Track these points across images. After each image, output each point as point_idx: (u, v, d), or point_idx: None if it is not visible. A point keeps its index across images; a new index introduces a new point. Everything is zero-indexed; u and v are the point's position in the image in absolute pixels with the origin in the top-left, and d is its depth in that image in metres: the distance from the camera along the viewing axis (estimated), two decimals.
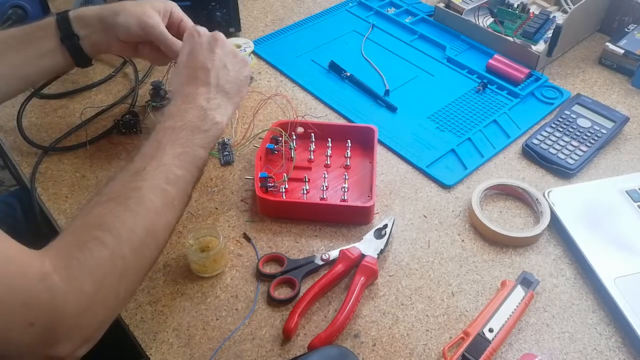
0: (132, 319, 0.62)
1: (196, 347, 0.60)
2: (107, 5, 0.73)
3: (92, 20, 0.72)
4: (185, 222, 0.72)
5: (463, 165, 0.79)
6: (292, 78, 0.96)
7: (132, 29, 0.71)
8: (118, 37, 0.73)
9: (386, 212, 0.74)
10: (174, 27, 0.76)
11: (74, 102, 0.91)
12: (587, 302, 0.64)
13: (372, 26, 1.08)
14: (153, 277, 0.66)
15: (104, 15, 0.72)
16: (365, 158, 0.79)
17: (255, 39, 1.04)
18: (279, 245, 0.70)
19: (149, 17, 0.72)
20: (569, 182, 0.77)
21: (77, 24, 0.72)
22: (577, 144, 0.80)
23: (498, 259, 0.68)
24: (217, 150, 0.81)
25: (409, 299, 0.64)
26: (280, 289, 0.66)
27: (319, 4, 1.16)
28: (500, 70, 0.94)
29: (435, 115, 0.88)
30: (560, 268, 0.67)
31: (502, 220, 0.73)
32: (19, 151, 0.83)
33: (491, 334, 0.58)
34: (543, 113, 0.88)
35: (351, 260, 0.66)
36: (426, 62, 0.99)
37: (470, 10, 1.04)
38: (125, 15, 0.71)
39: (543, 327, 0.61)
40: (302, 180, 0.75)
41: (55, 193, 0.76)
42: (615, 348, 0.59)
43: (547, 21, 0.97)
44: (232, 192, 0.76)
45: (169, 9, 0.75)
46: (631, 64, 0.94)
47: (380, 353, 0.59)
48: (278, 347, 0.60)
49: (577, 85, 0.94)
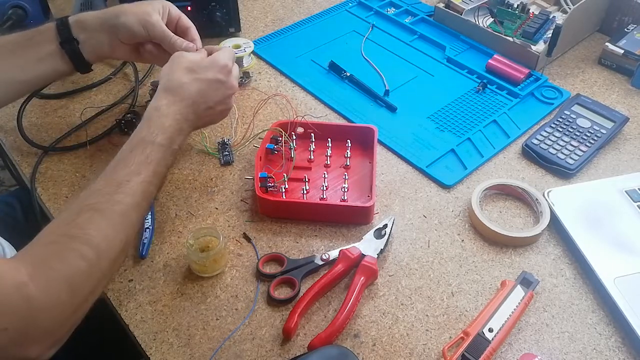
0: (132, 318, 0.62)
1: (196, 347, 0.60)
2: (107, 9, 0.74)
3: (92, 23, 0.73)
4: (185, 222, 0.72)
5: (463, 165, 0.80)
6: (292, 78, 0.96)
7: (134, 29, 0.72)
8: (120, 38, 0.73)
9: (386, 212, 0.74)
10: (173, 24, 0.76)
11: (74, 102, 0.91)
12: (586, 302, 0.64)
13: (372, 26, 1.08)
14: (153, 277, 0.66)
15: (104, 18, 0.73)
16: (365, 158, 0.79)
17: (255, 39, 1.04)
18: (279, 245, 0.70)
19: (150, 16, 0.72)
20: (568, 182, 0.77)
21: (76, 28, 0.72)
22: (577, 144, 0.80)
23: (498, 259, 0.68)
24: (217, 150, 0.81)
25: (409, 298, 0.64)
26: (280, 288, 0.66)
27: (319, 4, 1.16)
28: (500, 70, 0.94)
29: (435, 115, 0.88)
30: (559, 268, 0.67)
31: (502, 220, 0.73)
32: (19, 151, 0.83)
33: (491, 334, 0.58)
34: (543, 113, 0.88)
35: (351, 260, 0.66)
36: (426, 62, 0.99)
37: (470, 11, 1.04)
38: (126, 15, 0.72)
39: (543, 327, 0.62)
40: (302, 180, 0.75)
41: (56, 193, 0.76)
42: (615, 348, 0.60)
43: (547, 21, 0.97)
44: (232, 192, 0.76)
45: (166, 8, 0.75)
46: (631, 64, 0.94)
47: (380, 353, 0.59)
48: (278, 347, 0.60)
49: (576, 85, 0.94)
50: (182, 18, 0.77)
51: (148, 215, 0.71)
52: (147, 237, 0.69)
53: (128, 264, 0.68)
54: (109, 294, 0.65)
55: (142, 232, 0.69)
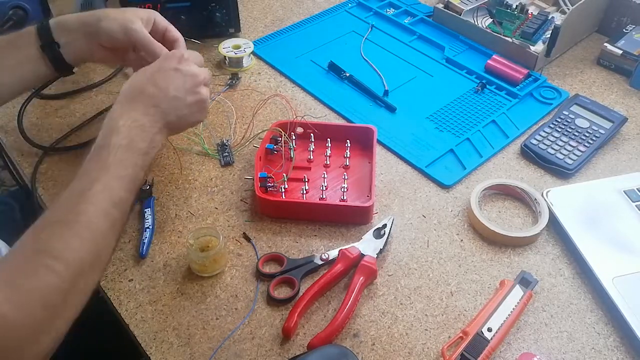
0: (132, 318, 0.63)
1: (196, 347, 0.60)
2: (89, 12, 0.73)
3: (73, 26, 0.71)
4: (185, 222, 0.73)
5: (462, 165, 0.80)
6: (292, 78, 0.96)
7: (115, 34, 0.71)
8: (101, 43, 0.72)
9: (385, 212, 0.74)
10: (159, 35, 0.75)
11: (74, 102, 0.91)
12: (585, 302, 0.64)
13: (371, 27, 1.08)
14: (153, 277, 0.67)
15: (86, 22, 0.72)
16: (365, 158, 0.80)
17: (255, 39, 1.05)
18: (279, 245, 0.70)
19: (132, 23, 0.71)
20: (567, 182, 0.77)
21: (58, 31, 0.71)
22: (576, 144, 0.80)
23: (497, 259, 0.69)
24: (216, 151, 0.81)
25: (408, 298, 0.65)
26: (280, 288, 0.66)
27: (319, 4, 1.16)
28: (498, 70, 0.95)
29: (434, 116, 0.88)
30: (558, 268, 0.67)
31: (501, 220, 0.73)
32: (19, 151, 0.83)
33: (490, 334, 0.59)
34: (541, 113, 0.89)
35: (350, 259, 0.66)
36: (425, 62, 0.99)
37: (469, 11, 1.04)
38: (108, 20, 0.71)
39: (541, 326, 0.62)
40: (302, 180, 0.75)
41: (56, 193, 0.77)
42: (613, 347, 0.60)
43: (546, 22, 0.97)
44: (231, 192, 0.77)
45: (152, 17, 0.74)
46: (629, 65, 0.94)
47: (380, 352, 0.60)
48: (278, 347, 0.60)
49: (575, 86, 0.94)
50: (169, 29, 0.76)
51: (148, 215, 0.71)
52: (147, 237, 0.69)
53: (128, 264, 0.68)
54: (109, 293, 0.65)
55: (142, 232, 0.69)
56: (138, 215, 0.73)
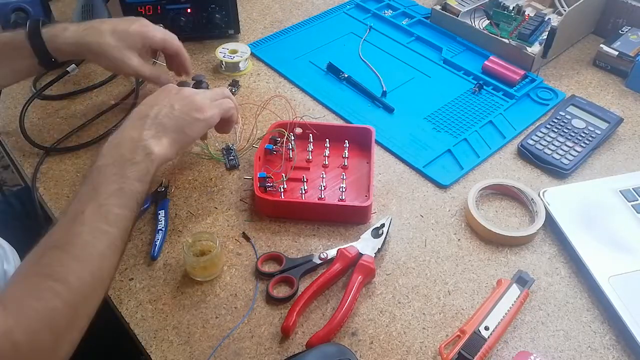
0: (132, 317, 0.63)
1: (196, 345, 0.61)
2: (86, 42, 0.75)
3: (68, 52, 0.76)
4: (185, 222, 0.73)
5: (459, 165, 0.80)
6: (291, 79, 0.97)
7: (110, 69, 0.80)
8: None
9: (383, 212, 0.74)
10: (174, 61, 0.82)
11: (75, 102, 0.92)
12: (581, 301, 0.65)
13: (369, 28, 1.08)
14: (153, 276, 0.67)
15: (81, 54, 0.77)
16: (363, 158, 0.80)
17: (253, 40, 1.05)
18: (278, 245, 0.71)
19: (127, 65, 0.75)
20: (563, 182, 0.78)
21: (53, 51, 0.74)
22: (572, 145, 0.81)
23: (494, 258, 0.69)
24: (222, 155, 0.81)
25: (406, 297, 0.65)
26: (279, 287, 0.66)
27: (317, 6, 1.16)
28: (495, 71, 0.95)
29: (431, 116, 0.89)
30: (555, 267, 0.68)
31: (498, 220, 0.74)
32: (21, 151, 0.83)
33: (487, 332, 0.59)
34: (538, 114, 0.89)
35: (349, 259, 0.66)
36: (423, 63, 1.00)
37: (466, 13, 1.05)
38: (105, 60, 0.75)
39: (538, 325, 0.62)
40: (301, 180, 0.76)
41: (57, 193, 0.77)
42: (609, 346, 0.60)
43: (542, 23, 0.98)
44: (231, 192, 0.77)
45: (147, 43, 0.77)
46: (625, 66, 0.95)
47: (378, 351, 0.60)
48: (277, 345, 0.61)
49: (571, 87, 0.95)
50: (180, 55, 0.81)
51: (162, 217, 0.71)
52: (159, 239, 0.69)
53: (128, 264, 0.68)
54: (109, 292, 0.65)
55: (155, 233, 0.70)
56: (151, 217, 0.73)
